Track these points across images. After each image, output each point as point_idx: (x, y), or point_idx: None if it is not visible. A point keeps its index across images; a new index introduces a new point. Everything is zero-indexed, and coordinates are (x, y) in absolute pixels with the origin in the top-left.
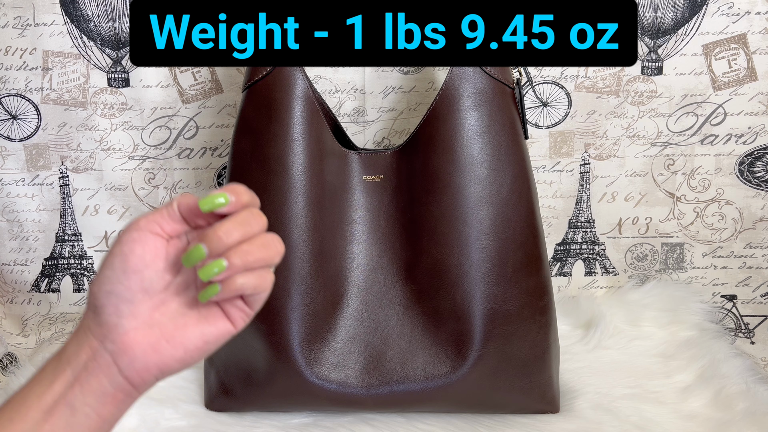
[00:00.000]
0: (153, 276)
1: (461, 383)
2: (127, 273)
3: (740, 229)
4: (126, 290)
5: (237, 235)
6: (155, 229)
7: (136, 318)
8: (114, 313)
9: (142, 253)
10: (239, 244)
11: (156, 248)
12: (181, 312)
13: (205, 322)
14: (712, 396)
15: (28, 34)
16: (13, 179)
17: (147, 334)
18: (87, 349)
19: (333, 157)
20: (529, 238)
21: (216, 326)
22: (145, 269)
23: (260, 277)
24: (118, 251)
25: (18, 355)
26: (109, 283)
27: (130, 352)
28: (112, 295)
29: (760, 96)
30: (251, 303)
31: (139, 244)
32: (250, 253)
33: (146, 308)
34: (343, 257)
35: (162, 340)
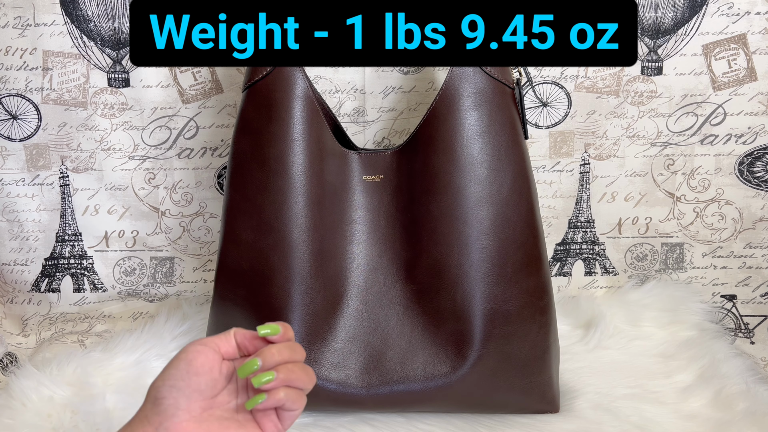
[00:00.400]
0: (209, 382)
1: (461, 383)
2: (190, 374)
3: (740, 229)
4: (186, 387)
5: (285, 356)
6: (215, 347)
7: (189, 413)
8: (173, 404)
9: (203, 362)
10: (286, 364)
11: (214, 361)
12: (224, 417)
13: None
14: (712, 396)
15: (28, 34)
16: (13, 179)
17: (196, 427)
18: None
19: (333, 157)
20: (529, 238)
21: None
22: (204, 374)
23: (298, 395)
24: (183, 357)
25: (18, 355)
26: (173, 379)
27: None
28: (174, 389)
29: (760, 96)
30: (283, 419)
31: (203, 355)
32: (294, 372)
33: (198, 407)
34: (343, 257)
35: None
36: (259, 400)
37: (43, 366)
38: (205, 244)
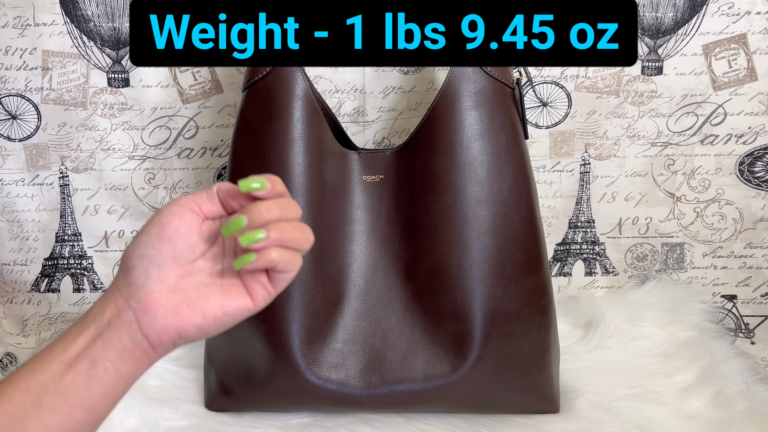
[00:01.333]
0: (184, 247)
1: (461, 383)
2: (162, 240)
3: (740, 229)
4: (157, 255)
5: (276, 213)
6: (193, 207)
7: (162, 282)
8: (143, 274)
9: (178, 225)
10: (277, 221)
11: (191, 223)
12: (204, 283)
13: (227, 295)
14: (712, 396)
15: (28, 34)
16: (13, 179)
17: (170, 297)
18: (112, 307)
19: (333, 157)
20: (529, 238)
21: (236, 300)
22: (178, 240)
23: (292, 256)
24: (156, 221)
25: (18, 355)
26: (143, 247)
27: (152, 311)
28: (144, 258)
29: (760, 96)
30: (275, 282)
31: (177, 217)
32: (287, 230)
33: (173, 275)
34: (343, 257)
35: (183, 305)
36: (247, 260)
37: None
38: None
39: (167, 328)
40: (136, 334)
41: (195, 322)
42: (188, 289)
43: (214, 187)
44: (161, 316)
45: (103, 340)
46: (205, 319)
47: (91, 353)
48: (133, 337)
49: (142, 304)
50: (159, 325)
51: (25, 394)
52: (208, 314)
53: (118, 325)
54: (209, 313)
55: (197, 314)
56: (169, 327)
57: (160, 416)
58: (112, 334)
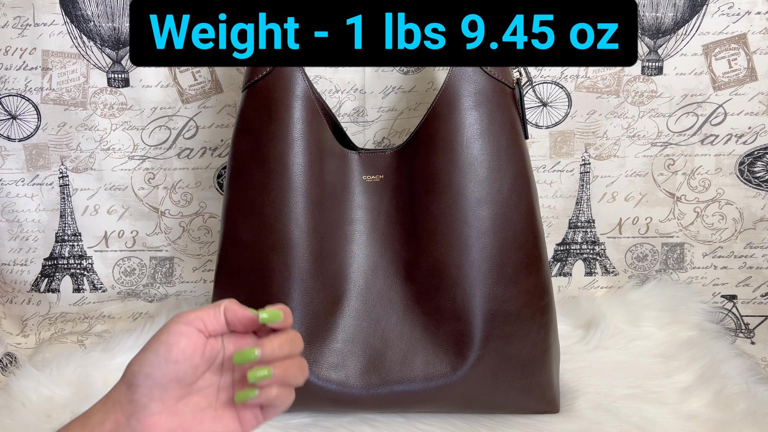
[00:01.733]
0: (188, 369)
1: (461, 383)
2: (168, 362)
3: (740, 229)
4: (162, 376)
5: (286, 351)
6: (200, 326)
7: (163, 403)
8: (147, 394)
9: (185, 347)
10: (283, 360)
11: (196, 344)
12: (201, 407)
13: (219, 421)
14: (712, 396)
15: (28, 34)
16: (12, 179)
17: (168, 421)
18: (112, 421)
19: (333, 157)
20: (529, 238)
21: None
22: (183, 362)
23: (289, 393)
24: (164, 340)
25: (18, 355)
26: (150, 366)
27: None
28: (149, 378)
29: (761, 96)
30: (267, 413)
31: (185, 338)
32: (290, 369)
33: (174, 396)
34: (343, 257)
35: (180, 429)
36: (250, 396)
37: (43, 366)
38: (205, 244)
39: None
40: None
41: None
42: (185, 412)
43: (221, 306)
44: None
45: None
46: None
47: None
48: None
49: (142, 425)
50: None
51: None
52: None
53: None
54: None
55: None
56: None
57: None
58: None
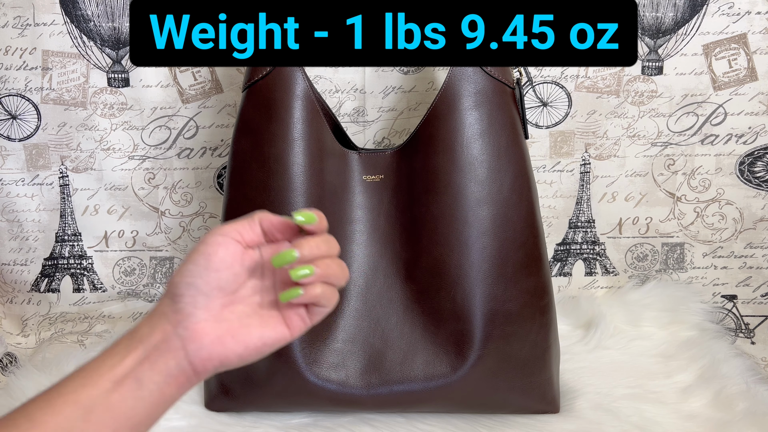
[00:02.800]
0: (229, 277)
1: (461, 383)
2: (209, 270)
3: (740, 229)
4: (205, 284)
5: (324, 250)
6: (237, 237)
7: (208, 311)
8: (191, 303)
9: (224, 255)
10: (323, 258)
11: (235, 254)
12: (246, 313)
13: (266, 326)
14: (712, 396)
15: (28, 34)
16: (13, 179)
17: (216, 327)
18: (160, 332)
19: (333, 157)
20: (529, 238)
21: (275, 330)
22: (223, 270)
23: (333, 291)
24: (203, 250)
25: (18, 355)
26: (191, 276)
27: (199, 339)
28: (191, 287)
29: (761, 96)
30: (313, 314)
31: (223, 247)
32: (331, 268)
33: (218, 304)
34: (343, 257)
35: (227, 335)
36: (295, 294)
37: (43, 366)
38: None
39: (211, 356)
40: (182, 361)
41: (237, 352)
42: (232, 319)
43: (255, 217)
44: (207, 345)
45: (150, 363)
46: (246, 350)
47: (138, 375)
48: (179, 363)
49: (190, 332)
50: (204, 353)
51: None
52: (249, 345)
53: (166, 350)
54: (250, 344)
55: (240, 345)
56: (214, 356)
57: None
58: (159, 359)
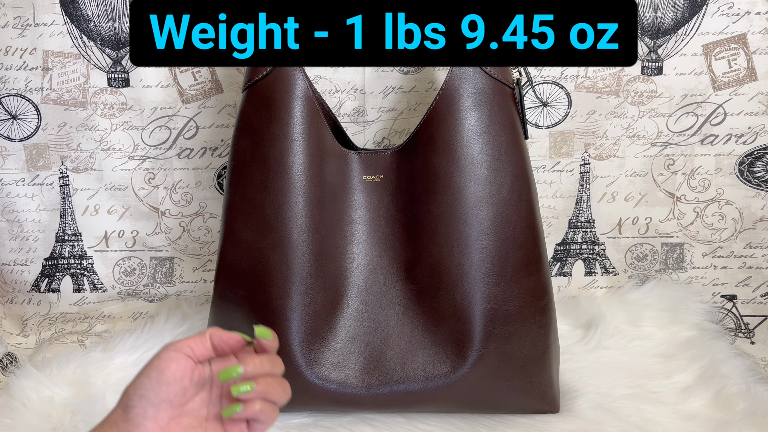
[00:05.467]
0: (178, 391)
1: (461, 383)
2: (160, 384)
3: (740, 229)
4: (155, 397)
5: (267, 368)
6: (188, 353)
7: (156, 422)
8: (141, 414)
9: (175, 370)
10: (265, 376)
11: (185, 369)
12: (192, 426)
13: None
14: (712, 396)
15: (28, 34)
16: (13, 179)
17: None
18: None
19: (333, 157)
20: (529, 238)
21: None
22: (174, 384)
23: (272, 409)
24: (156, 364)
25: (18, 355)
26: (144, 388)
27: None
28: (143, 399)
29: (760, 96)
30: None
31: (174, 362)
32: (272, 386)
33: (166, 416)
34: (343, 257)
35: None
36: (236, 410)
37: (43, 366)
38: (205, 244)
39: None
40: None
41: None
42: (177, 430)
43: (207, 333)
44: None
45: None
46: None
47: None
48: None
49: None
50: None
51: None
52: None
53: None
54: None
55: None
56: None
57: None
58: None
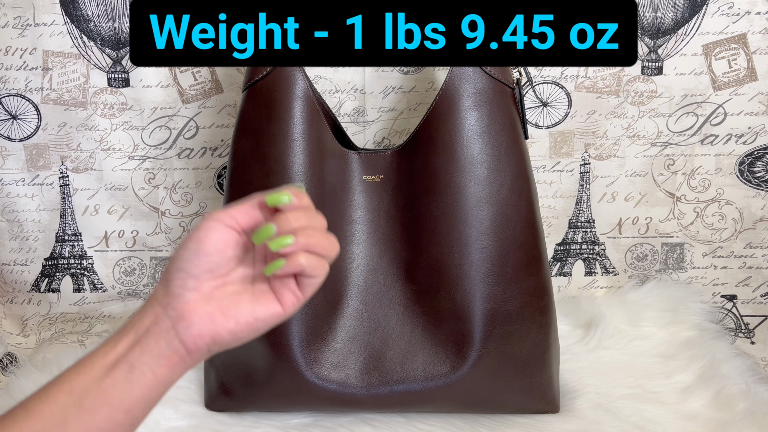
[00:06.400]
0: (220, 261)
1: (461, 383)
2: (199, 255)
3: (740, 229)
4: (195, 268)
5: (303, 221)
6: (230, 222)
7: (198, 292)
8: (180, 285)
9: (215, 241)
10: (304, 228)
11: (227, 238)
12: (237, 291)
13: (257, 302)
14: (712, 396)
15: (28, 34)
16: (13, 179)
17: (205, 305)
18: (151, 315)
19: (333, 157)
20: (529, 238)
21: (267, 306)
22: (215, 254)
23: (319, 261)
24: (194, 236)
25: (18, 355)
26: (182, 261)
27: (188, 318)
28: (181, 271)
29: (760, 96)
30: (303, 288)
31: (214, 232)
32: (314, 236)
33: (208, 286)
34: (343, 257)
35: (217, 312)
36: (278, 266)
37: (43, 366)
38: None
39: (202, 333)
40: (173, 340)
41: (228, 328)
42: (221, 297)
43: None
44: (197, 323)
45: (141, 345)
46: (238, 325)
47: (129, 358)
48: (170, 342)
49: (178, 311)
50: (194, 330)
51: (67, 395)
52: (241, 320)
53: (156, 331)
54: (241, 319)
55: (230, 320)
56: (204, 333)
57: (160, 416)
58: (150, 340)
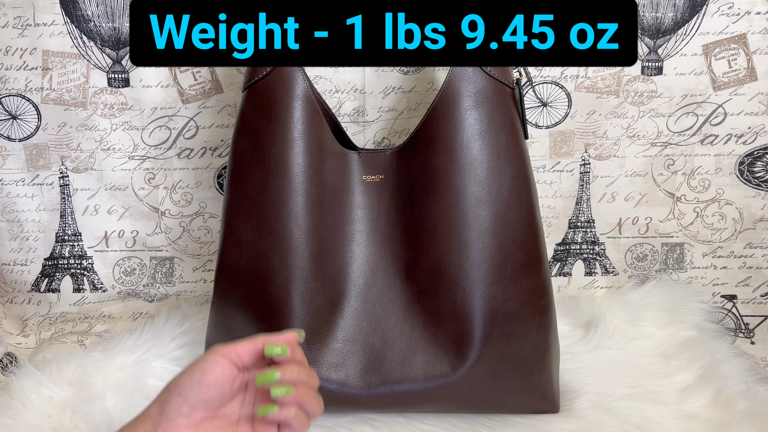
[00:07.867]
0: (217, 396)
1: (461, 383)
2: (201, 385)
3: (740, 229)
4: (194, 397)
5: (304, 377)
6: (234, 359)
7: (189, 420)
8: (176, 409)
9: (218, 375)
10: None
11: (228, 376)
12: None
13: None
14: (712, 396)
15: (28, 34)
16: (13, 179)
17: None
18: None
19: (333, 157)
20: (529, 238)
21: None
22: (215, 387)
23: (305, 419)
24: (201, 366)
25: (18, 355)
26: (183, 386)
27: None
28: (180, 397)
29: (760, 96)
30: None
31: (219, 367)
32: (308, 396)
33: (200, 416)
34: (343, 257)
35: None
36: (271, 410)
37: (43, 366)
38: (205, 244)
39: None
40: None
41: None
42: (208, 430)
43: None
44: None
45: None
46: None
47: None
48: None
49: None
50: None
51: None
52: None
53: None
54: None
55: None
56: None
57: None
58: None
